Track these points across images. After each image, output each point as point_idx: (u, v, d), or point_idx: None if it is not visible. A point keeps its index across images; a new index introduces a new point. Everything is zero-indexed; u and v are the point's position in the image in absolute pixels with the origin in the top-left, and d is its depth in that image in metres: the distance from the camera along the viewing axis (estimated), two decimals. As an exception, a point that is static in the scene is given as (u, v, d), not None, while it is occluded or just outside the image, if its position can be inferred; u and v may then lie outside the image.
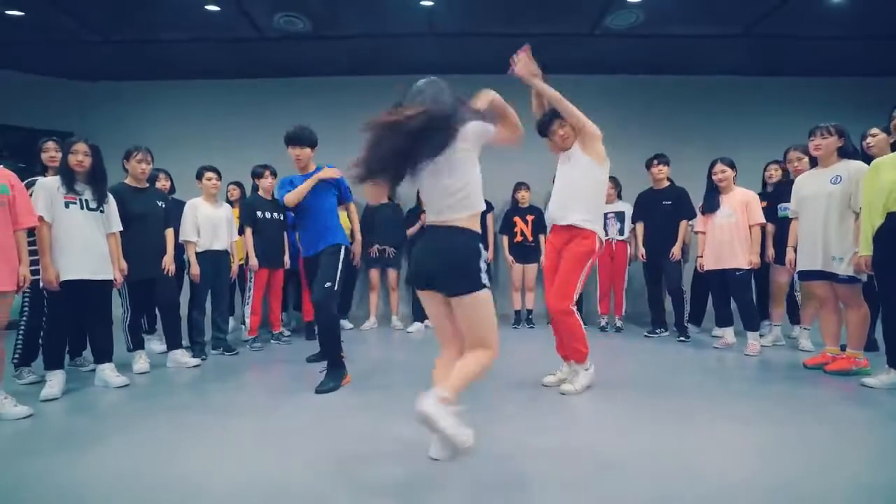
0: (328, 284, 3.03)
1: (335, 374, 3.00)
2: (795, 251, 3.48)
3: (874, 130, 3.37)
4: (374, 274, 5.31)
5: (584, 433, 2.34)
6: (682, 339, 4.36)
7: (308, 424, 2.40)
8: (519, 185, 5.29)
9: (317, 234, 3.25)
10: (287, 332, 4.67)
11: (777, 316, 4.23)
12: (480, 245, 1.89)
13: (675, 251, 4.43)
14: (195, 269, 3.83)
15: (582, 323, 2.89)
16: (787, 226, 3.68)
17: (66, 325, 3.02)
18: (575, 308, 2.87)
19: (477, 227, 1.91)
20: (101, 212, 3.06)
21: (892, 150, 3.00)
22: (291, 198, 3.21)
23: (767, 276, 4.25)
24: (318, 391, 2.89)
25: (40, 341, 3.05)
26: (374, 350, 4.39)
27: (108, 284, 3.11)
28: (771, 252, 4.08)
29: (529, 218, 5.20)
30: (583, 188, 2.88)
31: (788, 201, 3.58)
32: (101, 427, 2.43)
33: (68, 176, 2.93)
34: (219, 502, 1.67)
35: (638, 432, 2.25)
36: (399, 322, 5.32)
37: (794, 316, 4.38)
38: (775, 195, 4.17)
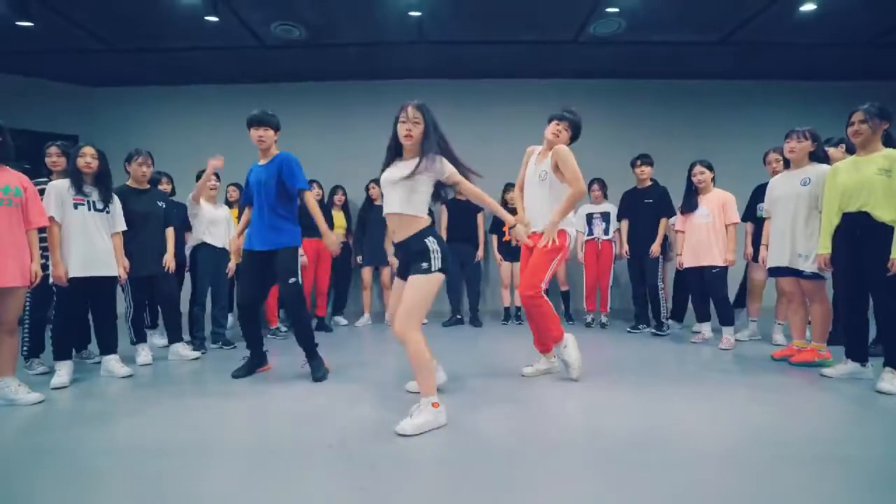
0: (292, 280, 3.13)
1: (318, 362, 3.20)
2: (768, 249, 3.65)
3: (833, 152, 3.57)
4: (367, 272, 5.49)
5: (559, 412, 2.51)
6: (659, 333, 4.54)
7: (302, 407, 2.58)
8: (508, 187, 5.47)
9: (262, 230, 3.18)
10: (283, 329, 4.85)
11: (754, 311, 4.40)
12: None
13: (654, 248, 4.59)
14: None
15: (552, 306, 3.05)
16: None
17: (74, 318, 3.21)
18: (544, 295, 3.04)
19: None
20: (107, 212, 3.25)
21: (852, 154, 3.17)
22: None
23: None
24: (315, 379, 3.08)
25: (46, 334, 3.22)
26: (368, 345, 4.56)
27: (112, 281, 3.29)
28: (749, 250, 4.25)
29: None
30: (550, 205, 3.06)
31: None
32: (108, 410, 2.62)
33: (77, 178, 3.13)
34: (218, 467, 1.85)
35: (612, 413, 2.43)
36: (392, 319, 5.49)
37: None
38: (756, 196, 4.33)
